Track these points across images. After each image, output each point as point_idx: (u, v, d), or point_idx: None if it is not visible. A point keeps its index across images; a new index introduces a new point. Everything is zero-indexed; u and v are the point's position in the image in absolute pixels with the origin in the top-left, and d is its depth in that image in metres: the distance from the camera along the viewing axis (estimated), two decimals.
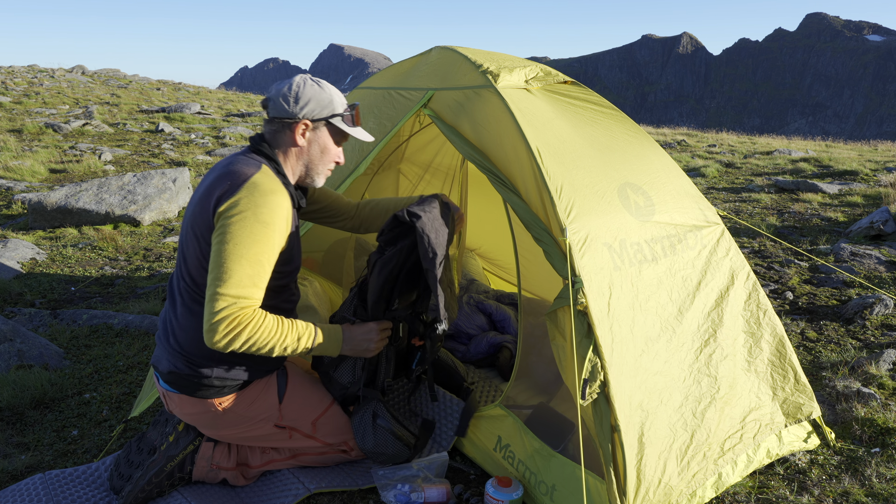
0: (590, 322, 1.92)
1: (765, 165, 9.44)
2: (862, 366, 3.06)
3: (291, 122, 2.02)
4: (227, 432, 2.17)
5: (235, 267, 1.82)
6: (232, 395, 2.08)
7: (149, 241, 5.73)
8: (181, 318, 2.03)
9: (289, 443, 2.26)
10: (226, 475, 2.24)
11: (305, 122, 2.03)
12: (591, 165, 2.21)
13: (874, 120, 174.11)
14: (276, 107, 2.03)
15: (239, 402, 2.10)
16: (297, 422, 2.22)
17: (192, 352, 2.02)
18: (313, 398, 2.25)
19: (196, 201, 1.98)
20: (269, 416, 2.17)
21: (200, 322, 1.93)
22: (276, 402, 2.16)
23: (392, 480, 2.17)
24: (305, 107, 2.01)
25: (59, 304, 4.09)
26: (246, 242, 1.84)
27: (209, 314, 1.82)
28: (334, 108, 2.06)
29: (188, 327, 2.01)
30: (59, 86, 17.69)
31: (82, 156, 9.00)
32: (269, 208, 1.88)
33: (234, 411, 2.10)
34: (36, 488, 2.19)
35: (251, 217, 1.85)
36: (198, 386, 2.04)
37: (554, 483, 2.06)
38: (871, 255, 4.72)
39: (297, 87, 2.02)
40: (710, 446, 2.11)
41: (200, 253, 1.94)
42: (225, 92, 21.20)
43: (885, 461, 2.38)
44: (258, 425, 2.17)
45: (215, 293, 1.81)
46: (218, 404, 2.07)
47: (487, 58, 2.48)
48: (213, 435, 2.19)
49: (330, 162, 2.13)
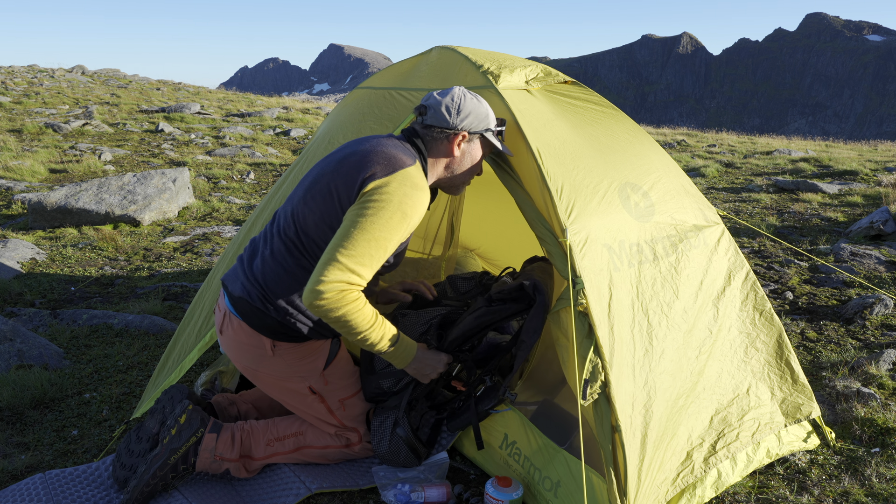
0: (590, 323, 1.92)
1: (765, 165, 9.44)
2: (862, 366, 3.06)
3: (451, 132, 2.11)
4: (266, 372, 2.21)
5: (363, 243, 1.88)
6: (287, 343, 2.15)
7: (149, 241, 5.73)
8: (277, 255, 2.08)
9: (311, 410, 2.28)
10: (228, 466, 2.25)
11: (464, 133, 2.12)
12: (591, 166, 2.21)
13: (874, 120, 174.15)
14: (436, 116, 2.11)
15: (290, 352, 2.16)
16: (330, 393, 2.27)
17: (275, 291, 2.07)
18: (352, 378, 2.32)
19: (338, 162, 2.04)
20: (309, 377, 2.22)
21: (297, 269, 2.03)
22: (321, 366, 2.23)
23: (392, 480, 2.18)
24: (466, 119, 2.11)
25: (59, 304, 4.09)
26: (382, 225, 1.90)
27: (319, 275, 1.86)
28: (489, 122, 2.16)
29: (281, 269, 2.07)
30: (59, 86, 17.69)
31: (82, 156, 9.00)
32: (413, 202, 1.95)
33: (282, 358, 2.16)
34: (36, 488, 2.19)
35: (396, 204, 1.92)
36: (262, 321, 2.10)
37: (559, 479, 2.06)
38: (871, 255, 4.72)
39: (459, 100, 2.11)
40: (710, 446, 2.12)
41: (326, 210, 1.99)
42: (225, 92, 21.19)
43: (885, 461, 2.38)
44: (296, 380, 2.22)
45: (334, 258, 1.87)
46: (271, 345, 2.14)
47: (488, 58, 2.48)
48: (248, 371, 2.23)
49: (473, 173, 2.23)
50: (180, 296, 4.25)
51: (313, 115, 14.65)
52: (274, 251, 2.10)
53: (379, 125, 2.62)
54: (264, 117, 13.75)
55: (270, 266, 2.09)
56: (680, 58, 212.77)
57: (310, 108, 16.60)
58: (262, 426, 2.34)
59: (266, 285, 2.08)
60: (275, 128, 12.62)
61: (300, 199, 2.09)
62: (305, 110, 15.89)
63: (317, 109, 16.56)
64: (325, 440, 2.33)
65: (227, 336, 2.20)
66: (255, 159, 9.46)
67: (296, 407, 2.31)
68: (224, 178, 8.25)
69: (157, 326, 3.61)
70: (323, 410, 2.29)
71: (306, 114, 14.91)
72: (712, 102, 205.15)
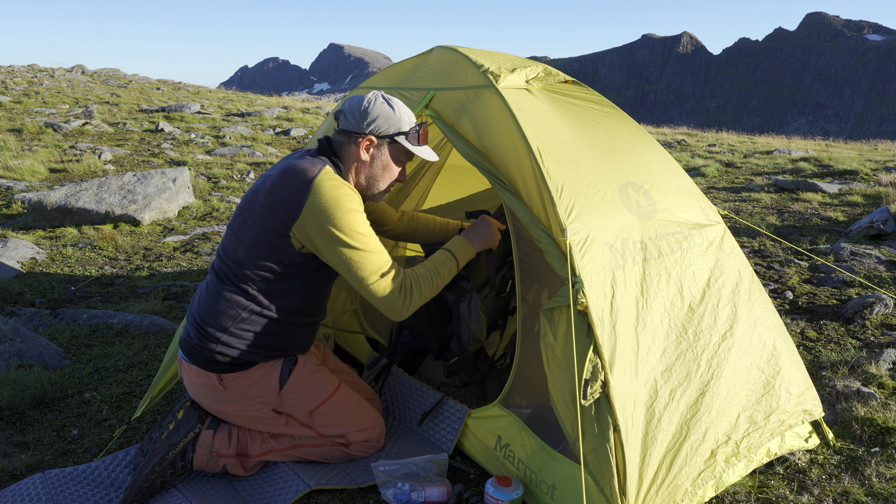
0: (590, 322, 1.91)
1: (765, 165, 9.44)
2: (862, 365, 3.06)
3: (358, 136, 2.14)
4: (228, 408, 2.23)
5: (362, 258, 2.04)
6: (234, 373, 2.16)
7: (149, 240, 5.73)
8: (209, 286, 2.18)
9: (286, 429, 2.29)
10: (226, 462, 2.26)
11: (371, 137, 2.15)
12: (591, 165, 2.21)
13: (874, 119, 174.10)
14: (345, 120, 2.16)
15: (240, 381, 2.18)
16: (295, 409, 2.26)
17: (205, 321, 2.14)
18: (315, 389, 2.28)
19: (263, 195, 2.10)
20: (268, 400, 2.22)
21: (220, 294, 2.12)
22: (276, 387, 2.21)
23: (392, 479, 2.18)
24: (373, 122, 2.13)
25: (59, 303, 4.09)
26: (351, 234, 2.02)
27: (379, 300, 2.07)
28: (401, 126, 2.16)
29: (208, 298, 2.16)
30: (59, 85, 17.69)
31: (82, 155, 9.00)
32: (346, 197, 2.04)
33: (235, 389, 2.18)
34: (36, 488, 2.19)
35: (337, 209, 2.01)
36: (203, 357, 2.14)
37: (554, 482, 2.06)
38: (871, 255, 4.72)
39: (368, 103, 2.14)
40: (711, 445, 2.11)
41: (255, 237, 2.08)
42: (225, 91, 21.19)
43: (885, 461, 2.38)
44: (257, 407, 2.22)
45: (369, 286, 2.05)
46: (219, 379, 2.16)
47: (488, 58, 2.48)
48: (214, 411, 2.25)
49: (391, 179, 2.25)
50: (180, 295, 4.25)
51: (313, 115, 14.65)
52: (207, 285, 2.20)
53: None
54: (264, 117, 13.75)
55: (204, 299, 2.18)
56: (680, 57, 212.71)
57: (310, 108, 16.59)
58: None
59: (200, 317, 2.16)
60: (275, 127, 12.62)
61: (231, 232, 2.17)
62: (305, 110, 15.89)
63: (317, 109, 16.56)
64: (319, 438, 2.34)
65: (185, 381, 2.26)
66: (255, 159, 9.46)
67: (274, 430, 2.31)
68: (224, 177, 8.26)
69: (158, 326, 3.61)
70: (297, 427, 2.29)
71: (306, 113, 14.91)
72: (712, 102, 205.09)
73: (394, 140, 2.17)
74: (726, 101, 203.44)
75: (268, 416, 2.25)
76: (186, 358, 2.20)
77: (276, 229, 2.05)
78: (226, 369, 2.15)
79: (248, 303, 2.12)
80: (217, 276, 2.17)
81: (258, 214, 2.08)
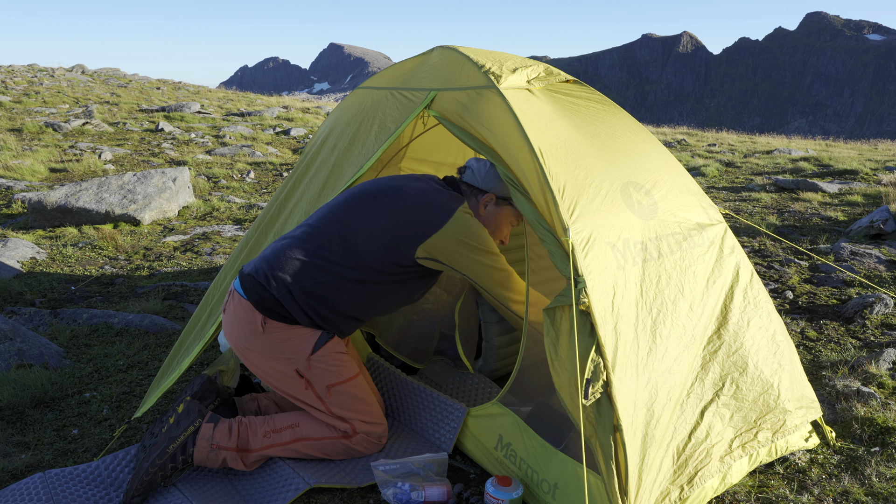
0: (592, 322, 1.91)
1: (765, 164, 9.44)
2: (862, 365, 3.06)
3: (480, 192, 2.44)
4: (256, 351, 2.31)
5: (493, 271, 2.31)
6: (277, 322, 2.27)
7: (149, 240, 5.73)
8: (299, 242, 2.31)
9: (300, 395, 2.34)
10: (226, 455, 2.27)
11: (492, 195, 2.43)
12: (593, 165, 2.21)
13: (874, 119, 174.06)
14: (471, 175, 2.47)
15: (280, 332, 2.28)
16: (316, 378, 2.32)
17: (283, 270, 2.26)
18: (340, 368, 2.36)
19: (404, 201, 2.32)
20: (296, 359, 2.29)
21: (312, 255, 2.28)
22: (308, 350, 2.30)
23: (392, 478, 2.17)
24: (494, 183, 2.42)
25: (59, 303, 4.09)
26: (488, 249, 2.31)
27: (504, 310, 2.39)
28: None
29: (293, 252, 2.28)
30: (59, 85, 17.68)
31: (82, 155, 9.00)
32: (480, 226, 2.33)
33: (272, 336, 2.28)
34: (36, 487, 2.19)
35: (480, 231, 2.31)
36: (261, 296, 2.26)
37: (556, 481, 2.06)
38: (871, 255, 4.72)
39: (493, 166, 2.41)
40: (711, 445, 2.12)
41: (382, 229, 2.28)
42: (225, 91, 21.18)
43: (885, 460, 2.38)
44: (283, 362, 2.30)
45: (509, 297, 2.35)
46: (262, 321, 2.26)
47: (489, 58, 2.48)
48: (242, 350, 2.34)
49: (498, 238, 2.50)
50: (180, 295, 4.25)
51: (313, 115, 14.65)
52: (298, 241, 2.32)
53: (381, 126, 2.62)
54: (264, 116, 13.75)
55: (288, 251, 2.30)
56: (680, 57, 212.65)
57: (310, 108, 16.59)
58: (259, 420, 2.36)
59: (278, 265, 2.27)
60: (275, 127, 12.62)
61: (351, 206, 2.35)
62: (305, 109, 15.89)
63: (317, 109, 16.56)
64: (321, 431, 2.35)
65: (227, 314, 2.36)
66: (256, 158, 9.46)
67: (287, 392, 2.36)
68: (224, 177, 8.25)
69: (158, 326, 3.62)
70: (312, 396, 2.33)
71: (306, 113, 14.91)
72: (712, 102, 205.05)
73: (510, 203, 2.42)
74: (726, 101, 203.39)
75: (289, 374, 2.31)
76: (243, 293, 2.29)
77: (409, 233, 2.27)
78: (275, 317, 2.26)
79: (333, 277, 2.27)
80: (312, 239, 2.31)
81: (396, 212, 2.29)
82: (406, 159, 3.83)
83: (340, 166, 2.68)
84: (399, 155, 3.76)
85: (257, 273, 2.29)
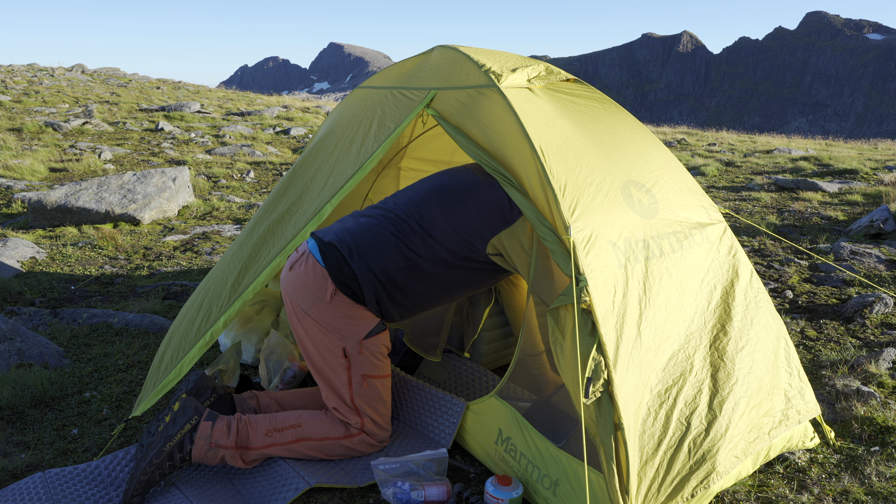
0: (594, 320, 1.91)
1: (765, 164, 9.44)
2: (861, 364, 3.06)
3: None
4: (312, 319, 2.32)
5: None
6: (346, 297, 2.29)
7: (149, 239, 5.73)
8: (381, 221, 2.35)
9: (335, 373, 2.35)
10: (224, 453, 2.26)
11: None
12: (594, 163, 2.21)
13: (874, 118, 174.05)
14: None
15: (343, 307, 2.30)
16: (359, 364, 2.34)
17: (367, 250, 2.29)
18: (383, 361, 2.42)
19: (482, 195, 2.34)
20: (348, 338, 2.33)
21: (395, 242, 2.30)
22: (362, 334, 2.33)
23: (392, 477, 2.18)
24: None
25: (59, 302, 4.09)
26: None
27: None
28: None
29: (377, 236, 2.31)
30: (59, 84, 17.68)
31: (82, 154, 9.00)
32: None
33: (336, 309, 2.30)
34: (36, 487, 2.19)
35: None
36: (339, 268, 2.28)
37: (557, 478, 2.06)
38: (871, 254, 4.72)
39: None
40: (711, 445, 2.11)
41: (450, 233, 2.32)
42: (225, 91, 21.17)
43: (885, 460, 2.39)
44: (335, 337, 2.32)
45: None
46: (332, 291, 2.28)
47: (490, 57, 2.48)
48: (298, 313, 2.35)
49: None
50: (180, 295, 4.25)
51: (313, 114, 14.65)
52: (378, 217, 2.38)
53: (381, 125, 2.62)
54: (264, 116, 13.74)
55: (372, 225, 2.35)
56: (680, 56, 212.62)
57: (310, 107, 16.59)
58: (261, 418, 2.35)
59: (362, 238, 2.32)
60: (275, 126, 12.61)
61: (431, 199, 2.38)
62: (305, 109, 15.88)
63: (317, 108, 16.55)
64: (323, 431, 2.34)
65: (295, 273, 2.36)
66: (255, 158, 9.46)
67: (320, 367, 2.37)
68: (224, 176, 8.25)
69: (158, 325, 3.61)
70: (344, 379, 2.35)
71: (306, 112, 14.90)
72: (712, 101, 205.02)
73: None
74: (726, 101, 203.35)
75: (335, 350, 2.33)
76: (321, 259, 2.30)
77: (483, 229, 2.30)
78: (346, 291, 2.28)
79: (409, 265, 2.31)
80: (395, 224, 2.34)
81: (473, 208, 2.32)
82: (406, 158, 3.83)
83: (340, 165, 2.68)
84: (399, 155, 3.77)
85: (341, 245, 2.31)
